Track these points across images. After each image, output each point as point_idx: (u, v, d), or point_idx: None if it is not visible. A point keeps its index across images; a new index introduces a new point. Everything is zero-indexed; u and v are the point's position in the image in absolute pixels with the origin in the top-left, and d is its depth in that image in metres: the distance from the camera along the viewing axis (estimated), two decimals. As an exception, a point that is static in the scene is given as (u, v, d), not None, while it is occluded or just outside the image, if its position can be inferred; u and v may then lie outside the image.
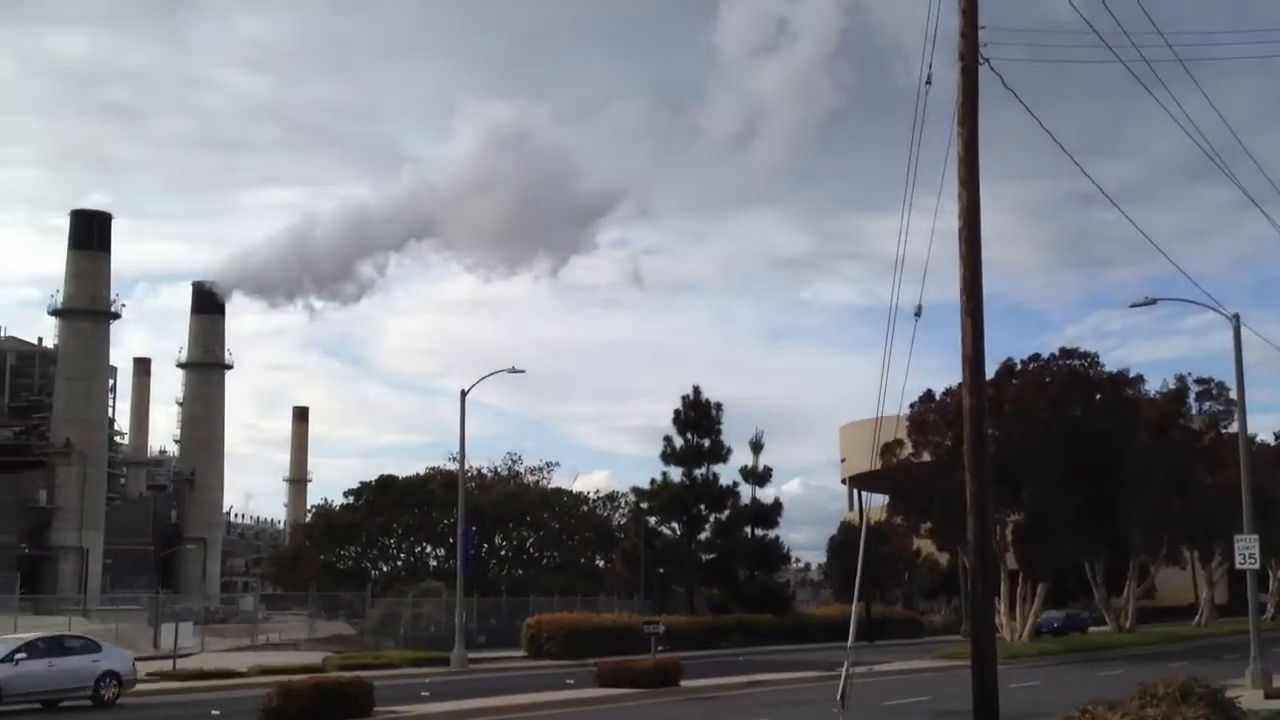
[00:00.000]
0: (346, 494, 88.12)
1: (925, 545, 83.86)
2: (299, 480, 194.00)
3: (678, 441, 67.15)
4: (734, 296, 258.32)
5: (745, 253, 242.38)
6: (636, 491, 71.57)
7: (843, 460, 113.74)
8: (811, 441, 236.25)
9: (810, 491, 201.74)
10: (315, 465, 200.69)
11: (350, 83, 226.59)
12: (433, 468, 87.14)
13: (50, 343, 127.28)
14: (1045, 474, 54.34)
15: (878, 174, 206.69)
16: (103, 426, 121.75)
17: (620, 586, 72.66)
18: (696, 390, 67.55)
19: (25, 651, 29.10)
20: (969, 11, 16.12)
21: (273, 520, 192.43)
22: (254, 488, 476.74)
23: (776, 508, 69.25)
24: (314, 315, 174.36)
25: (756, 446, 68.37)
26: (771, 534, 69.10)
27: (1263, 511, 43.16)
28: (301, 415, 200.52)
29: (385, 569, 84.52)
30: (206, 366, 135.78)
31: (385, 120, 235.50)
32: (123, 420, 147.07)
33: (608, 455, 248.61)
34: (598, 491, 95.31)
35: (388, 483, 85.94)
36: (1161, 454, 61.19)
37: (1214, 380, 71.43)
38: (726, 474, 67.93)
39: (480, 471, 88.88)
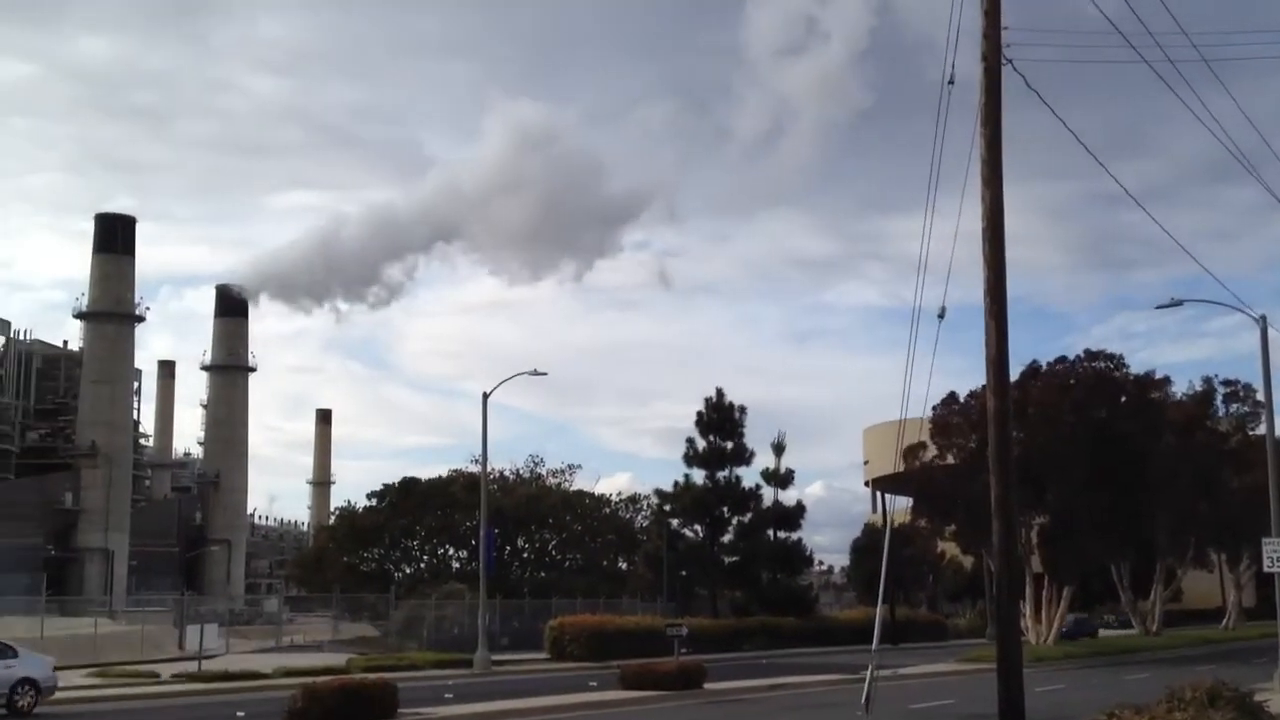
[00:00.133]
0: (370, 496, 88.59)
1: (949, 548, 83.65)
2: (322, 482, 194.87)
3: (700, 444, 67.04)
4: (757, 298, 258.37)
5: (768, 254, 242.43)
6: (659, 494, 71.56)
7: (866, 462, 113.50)
8: (834, 444, 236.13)
9: (833, 494, 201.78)
10: (338, 467, 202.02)
11: (374, 86, 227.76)
12: (455, 470, 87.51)
13: (75, 346, 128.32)
14: (1070, 476, 54.08)
15: (902, 175, 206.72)
16: (128, 429, 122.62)
17: (643, 589, 72.62)
18: (719, 392, 67.46)
19: None
20: (991, 12, 16.06)
21: (296, 522, 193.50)
22: (278, 490, 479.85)
23: (799, 510, 69.09)
24: (340, 318, 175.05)
25: (778, 449, 68.26)
26: (794, 536, 68.92)
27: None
28: (325, 418, 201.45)
29: (408, 571, 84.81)
30: (230, 369, 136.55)
31: (409, 123, 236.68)
32: (147, 423, 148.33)
33: (630, 457, 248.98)
34: (620, 494, 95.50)
35: (410, 485, 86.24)
36: (1188, 456, 60.79)
37: (1241, 382, 71.08)
38: (749, 476, 67.82)
39: (502, 474, 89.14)
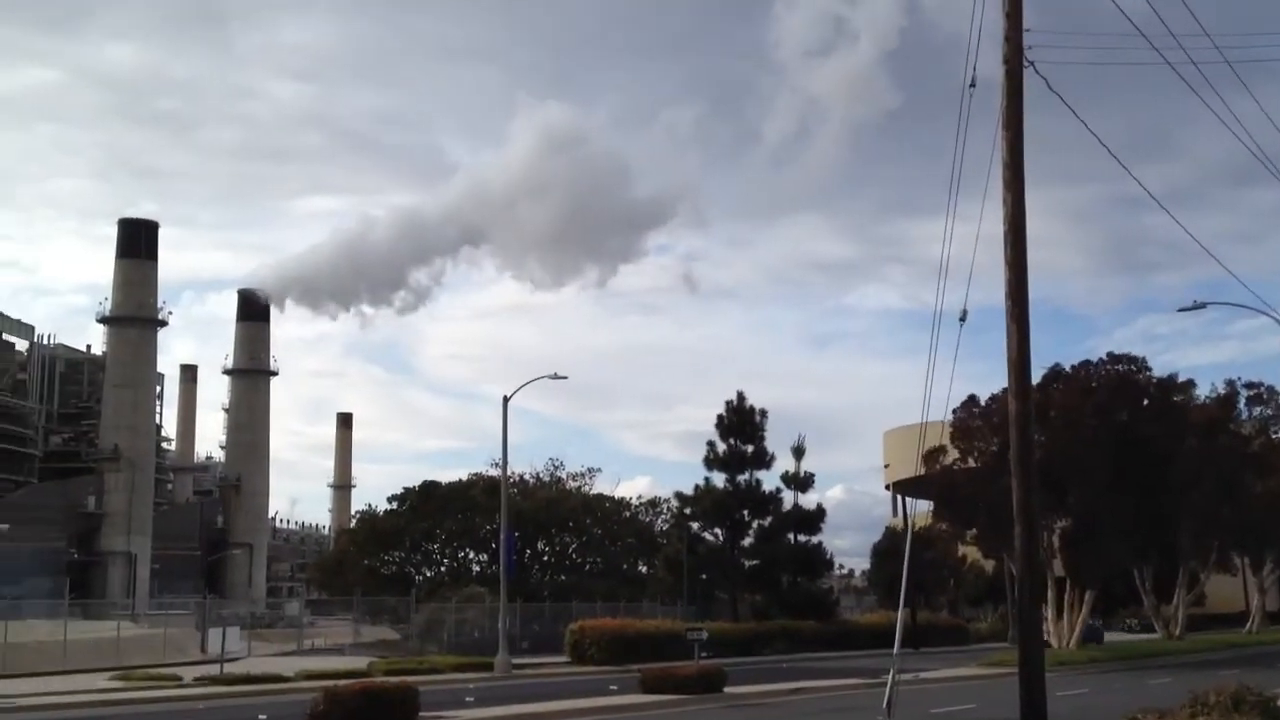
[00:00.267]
0: (390, 499, 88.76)
1: (971, 551, 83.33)
2: (343, 486, 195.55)
3: (721, 447, 66.97)
4: (778, 302, 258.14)
5: (788, 258, 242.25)
6: (679, 497, 71.47)
7: (886, 466, 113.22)
8: (855, 447, 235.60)
9: (854, 497, 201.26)
10: (359, 471, 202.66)
11: (395, 91, 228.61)
12: (475, 473, 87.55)
13: (99, 350, 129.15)
14: (1093, 480, 53.83)
15: (923, 178, 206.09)
16: (150, 433, 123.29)
17: (663, 593, 72.56)
18: (740, 396, 67.36)
19: None
20: (1013, 15, 16.04)
21: (318, 525, 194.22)
22: (299, 493, 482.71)
23: (819, 513, 68.97)
24: (365, 322, 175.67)
25: (798, 452, 68.15)
26: (814, 540, 68.79)
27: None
28: (345, 421, 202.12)
29: (429, 574, 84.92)
30: (252, 373, 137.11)
31: (430, 128, 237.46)
32: (170, 427, 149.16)
33: (651, 461, 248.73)
34: (640, 497, 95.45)
35: (431, 488, 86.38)
36: (1211, 459, 60.43)
37: (1264, 384, 70.69)
38: (769, 480, 67.72)
39: (523, 477, 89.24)
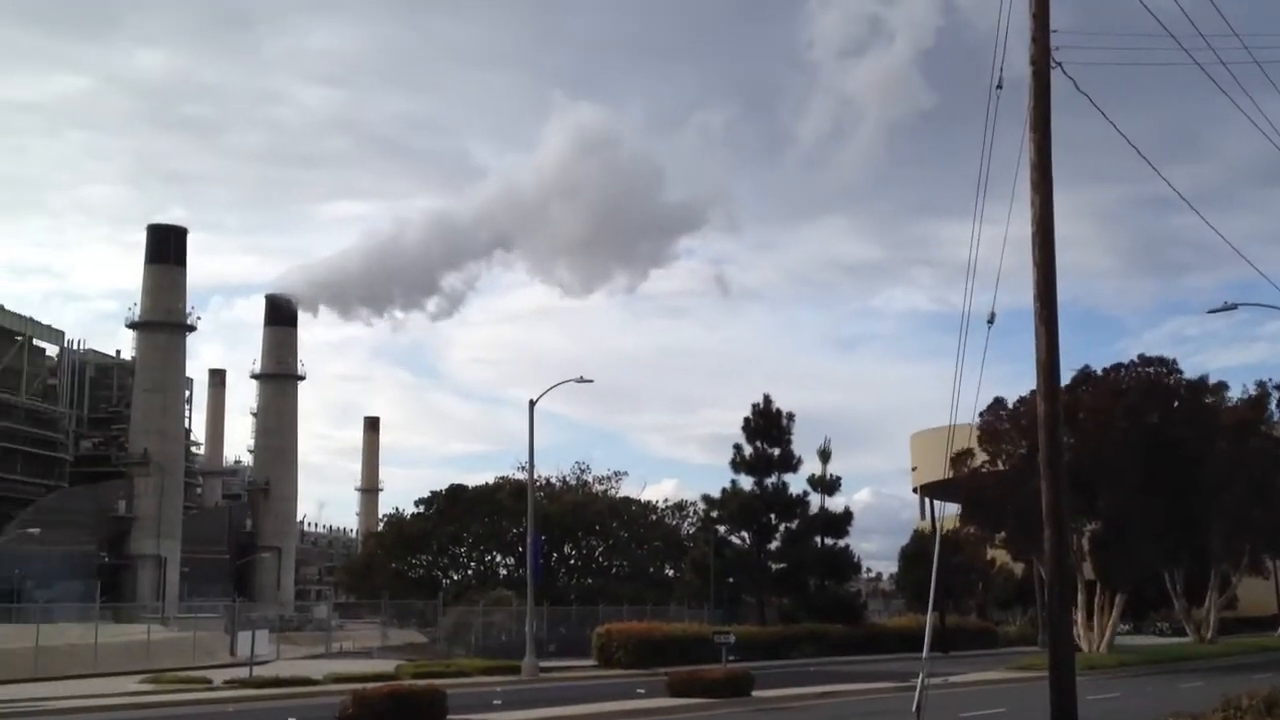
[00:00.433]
0: (417, 503, 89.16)
1: (999, 554, 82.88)
2: (370, 489, 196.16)
3: (747, 450, 66.80)
4: (804, 304, 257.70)
5: (815, 260, 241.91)
6: (706, 500, 71.33)
7: (914, 469, 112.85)
8: (882, 450, 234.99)
9: (881, 500, 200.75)
10: (386, 474, 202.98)
11: (422, 96, 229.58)
12: (502, 477, 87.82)
13: (128, 355, 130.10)
14: (1123, 482, 53.48)
15: (950, 179, 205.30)
16: (179, 437, 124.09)
17: (690, 596, 72.48)
18: (766, 399, 67.18)
19: None
20: (1040, 16, 15.95)
21: (345, 529, 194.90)
22: (327, 497, 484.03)
23: (847, 517, 68.72)
24: (397, 326, 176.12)
25: (824, 455, 67.91)
26: (842, 543, 68.53)
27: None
28: (372, 425, 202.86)
29: (456, 578, 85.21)
30: (280, 378, 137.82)
31: (457, 133, 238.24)
32: (199, 431, 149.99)
33: (677, 464, 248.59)
34: (666, 500, 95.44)
35: (457, 492, 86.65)
36: (1242, 461, 59.95)
37: (1295, 386, 69.85)
38: (796, 483, 67.50)
39: (549, 481, 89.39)
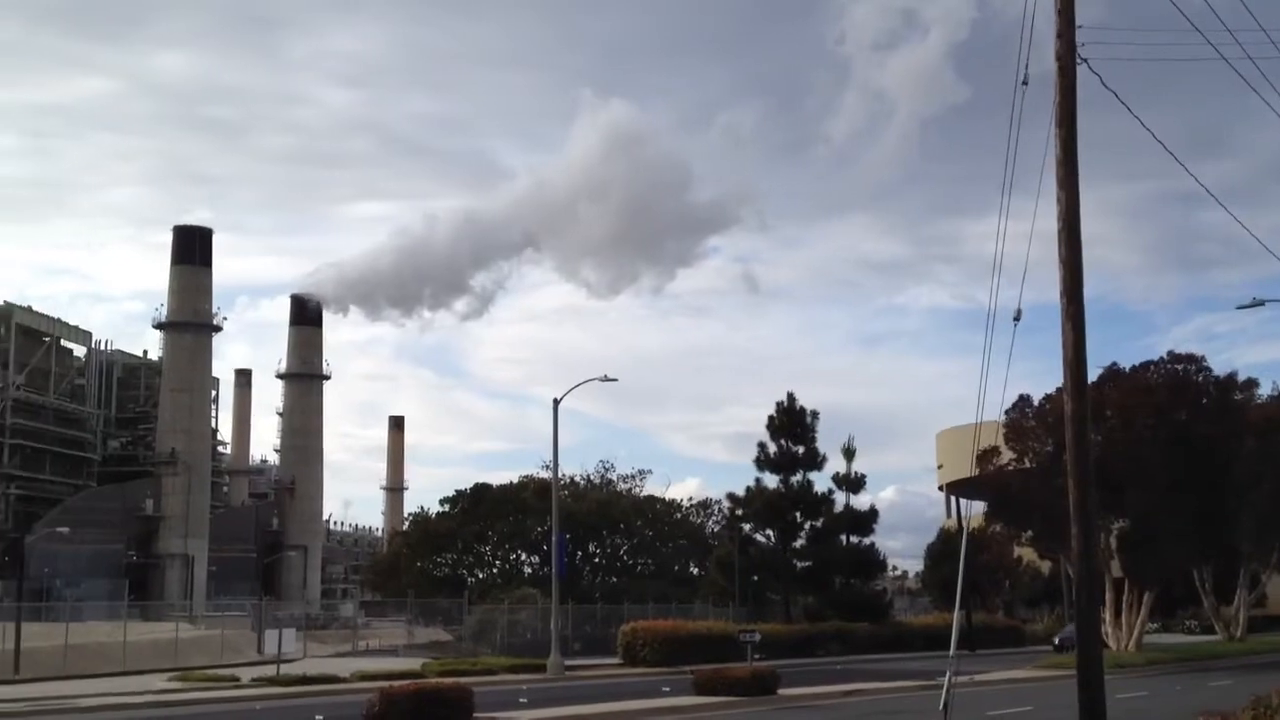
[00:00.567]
0: (442, 502, 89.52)
1: (1026, 552, 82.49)
2: (395, 488, 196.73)
3: (772, 448, 66.77)
4: (828, 301, 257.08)
5: (839, 257, 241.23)
6: (731, 498, 71.35)
7: (939, 467, 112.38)
8: (907, 448, 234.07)
9: (906, 498, 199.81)
10: (411, 473, 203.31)
11: (446, 96, 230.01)
12: (526, 476, 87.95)
13: (155, 355, 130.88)
14: (1151, 480, 53.11)
15: (974, 176, 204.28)
16: (206, 436, 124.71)
17: (715, 594, 72.48)
18: (790, 397, 67.14)
19: None
20: (1065, 11, 15.85)
21: (371, 528, 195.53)
22: (352, 495, 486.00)
23: (872, 515, 68.64)
24: (425, 326, 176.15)
25: (849, 453, 67.87)
26: (867, 541, 68.52)
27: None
28: (397, 424, 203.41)
29: (481, 576, 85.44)
30: (305, 377, 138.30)
31: (481, 133, 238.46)
32: (225, 430, 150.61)
33: (701, 463, 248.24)
34: (691, 499, 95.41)
35: (482, 491, 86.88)
36: (1271, 458, 59.42)
37: (1325, 382, 69.42)
38: (821, 481, 67.47)
39: (573, 479, 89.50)
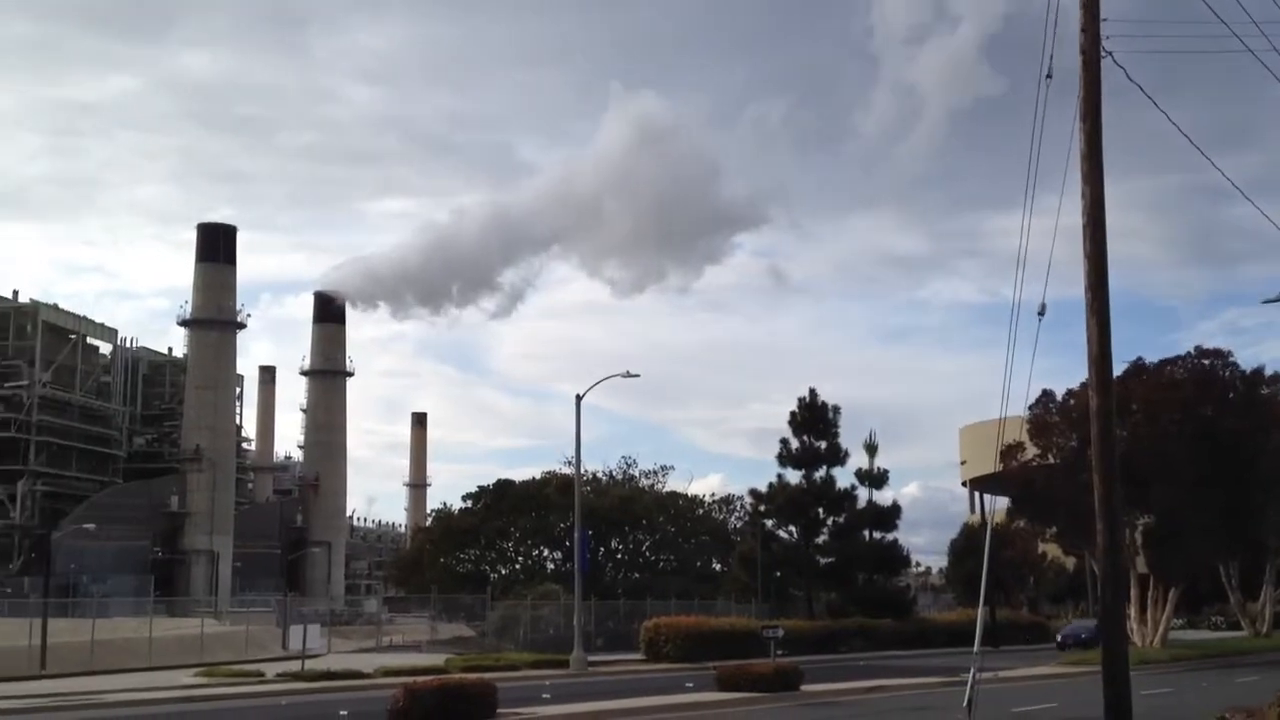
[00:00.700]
0: (465, 498, 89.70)
1: (1050, 548, 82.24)
2: (418, 484, 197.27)
3: (794, 444, 66.67)
4: (850, 297, 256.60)
5: (861, 252, 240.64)
6: (753, 494, 71.28)
7: (963, 462, 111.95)
8: (930, 443, 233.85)
9: (929, 494, 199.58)
10: (434, 469, 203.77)
11: (470, 93, 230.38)
12: (548, 471, 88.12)
13: (180, 352, 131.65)
14: (1176, 475, 52.78)
15: (998, 170, 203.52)
16: (231, 433, 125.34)
17: (737, 590, 72.45)
18: (812, 392, 67.05)
19: None
20: (1089, 5, 15.79)
21: (394, 524, 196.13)
22: (376, 492, 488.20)
23: (895, 510, 68.42)
24: (453, 322, 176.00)
25: (871, 448, 67.67)
26: (890, 537, 68.30)
27: None
28: (420, 421, 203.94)
29: (504, 572, 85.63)
30: (329, 374, 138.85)
31: (506, 130, 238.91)
32: (249, 427, 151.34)
33: (723, 458, 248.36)
34: (713, 495, 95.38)
35: (505, 487, 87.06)
36: (1297, 453, 59.04)
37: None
38: (844, 477, 67.34)
39: (595, 475, 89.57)
